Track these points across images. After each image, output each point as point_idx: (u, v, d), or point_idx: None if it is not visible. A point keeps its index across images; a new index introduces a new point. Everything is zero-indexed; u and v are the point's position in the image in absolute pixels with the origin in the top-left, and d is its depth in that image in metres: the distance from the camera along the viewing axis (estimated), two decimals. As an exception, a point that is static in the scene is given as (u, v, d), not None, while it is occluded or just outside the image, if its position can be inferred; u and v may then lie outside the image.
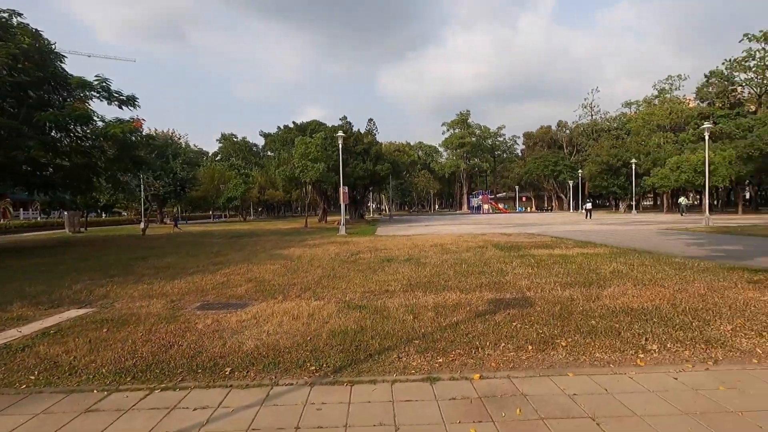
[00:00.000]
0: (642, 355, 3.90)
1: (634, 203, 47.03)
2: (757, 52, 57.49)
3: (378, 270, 9.18)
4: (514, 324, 4.88)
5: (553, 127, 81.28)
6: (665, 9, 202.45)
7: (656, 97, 66.37)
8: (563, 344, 4.21)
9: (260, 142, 64.66)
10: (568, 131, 79.77)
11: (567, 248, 12.78)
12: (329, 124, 39.93)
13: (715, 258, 10.12)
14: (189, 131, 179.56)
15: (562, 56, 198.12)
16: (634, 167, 44.02)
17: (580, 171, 58.75)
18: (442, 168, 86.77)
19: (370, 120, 79.26)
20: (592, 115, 77.50)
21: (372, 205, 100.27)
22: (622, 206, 55.04)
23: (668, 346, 4.10)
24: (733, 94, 61.63)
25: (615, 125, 70.58)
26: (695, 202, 62.39)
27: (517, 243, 14.67)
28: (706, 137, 22.29)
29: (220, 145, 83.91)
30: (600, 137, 68.63)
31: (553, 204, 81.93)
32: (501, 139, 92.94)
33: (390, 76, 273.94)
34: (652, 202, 75.04)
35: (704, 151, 39.95)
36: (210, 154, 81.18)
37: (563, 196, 74.53)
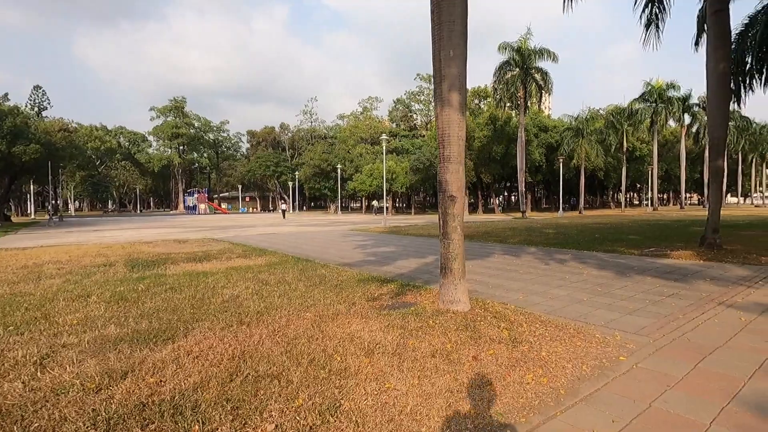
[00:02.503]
0: None
1: (340, 205, 51.80)
2: (426, 89, 74.67)
3: None
4: None
5: (277, 129, 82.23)
6: (378, 45, 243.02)
7: (361, 113, 77.11)
8: None
9: None
10: (290, 134, 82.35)
11: (227, 260, 10.34)
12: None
13: (365, 264, 9.66)
14: None
15: (293, 65, 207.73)
16: (339, 172, 48.28)
17: (297, 173, 60.79)
18: (151, 160, 73.89)
19: (37, 87, 59.33)
20: (311, 122, 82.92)
21: (54, 203, 75.36)
22: (332, 208, 60.23)
23: None
24: (412, 119, 78.27)
25: (331, 134, 77.60)
26: (388, 205, 75.63)
27: (171, 255, 11.30)
28: (383, 148, 25.30)
29: None
30: (317, 142, 73.80)
31: (278, 205, 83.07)
32: (225, 134, 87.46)
33: (96, 46, 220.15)
34: (359, 204, 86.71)
35: (390, 161, 47.69)
36: None
37: (286, 197, 76.35)
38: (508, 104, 39.95)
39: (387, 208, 57.20)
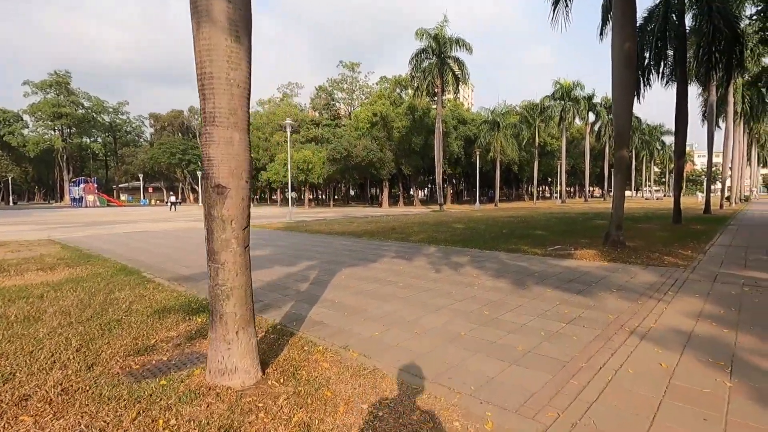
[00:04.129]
0: None
1: (252, 197, 47.86)
2: (348, 78, 72.20)
3: None
4: None
5: (186, 113, 74.73)
6: (309, 32, 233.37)
7: (281, 99, 72.58)
8: None
9: None
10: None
11: (17, 274, 7.46)
12: None
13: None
14: None
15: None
16: (252, 161, 44.35)
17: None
18: (26, 144, 62.93)
19: None
20: (226, 107, 76.38)
21: None
22: (246, 199, 55.48)
23: None
24: (334, 107, 75.35)
25: (251, 120, 71.94)
26: (311, 197, 72.01)
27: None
28: (288, 133, 22.64)
29: None
30: (232, 130, 67.79)
31: (189, 196, 75.83)
32: (124, 117, 77.57)
33: None
34: (284, 196, 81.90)
35: (306, 151, 44.76)
36: None
37: (197, 188, 69.59)
38: (427, 98, 39.14)
39: (296, 199, 54.16)
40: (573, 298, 5.59)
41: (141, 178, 67.11)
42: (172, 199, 37.11)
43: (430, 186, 79.84)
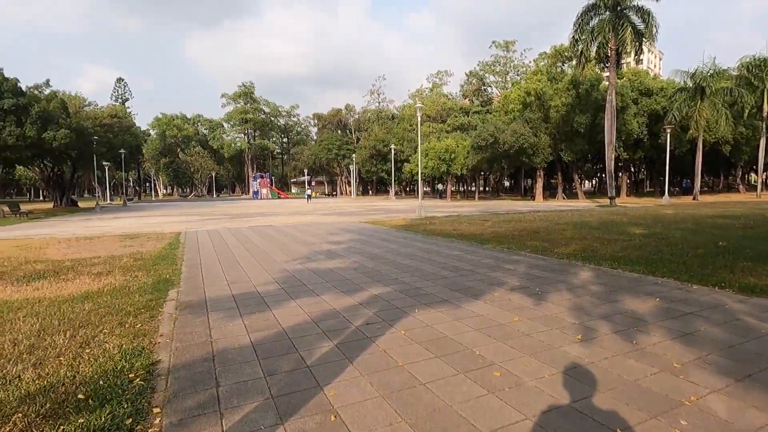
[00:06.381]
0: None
1: (394, 189, 47.40)
2: (501, 59, 66.15)
3: None
4: None
5: (343, 111, 79.73)
6: (460, 22, 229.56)
7: (430, 90, 70.97)
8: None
9: None
10: (357, 116, 79.29)
11: (75, 277, 6.80)
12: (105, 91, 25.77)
13: (230, 304, 5.23)
14: None
15: (375, 49, 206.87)
16: (393, 152, 43.65)
17: (354, 155, 57.37)
18: (222, 146, 75.92)
19: (120, 80, 63.38)
20: (379, 102, 78.88)
21: (132, 188, 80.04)
22: (390, 192, 55.72)
23: None
24: (486, 93, 70.12)
25: (401, 113, 72.91)
26: (454, 189, 69.01)
27: (26, 264, 8.03)
28: (418, 117, 20.16)
29: None
30: (384, 123, 69.57)
31: (345, 189, 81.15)
32: (295, 119, 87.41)
33: (202, 46, 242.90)
34: (430, 188, 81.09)
35: (450, 140, 41.81)
36: None
37: (352, 181, 73.75)
38: (596, 66, 31.71)
39: (443, 191, 51.54)
40: None
41: (305, 173, 74.40)
42: (308, 192, 39.89)
43: (599, 175, 67.71)
